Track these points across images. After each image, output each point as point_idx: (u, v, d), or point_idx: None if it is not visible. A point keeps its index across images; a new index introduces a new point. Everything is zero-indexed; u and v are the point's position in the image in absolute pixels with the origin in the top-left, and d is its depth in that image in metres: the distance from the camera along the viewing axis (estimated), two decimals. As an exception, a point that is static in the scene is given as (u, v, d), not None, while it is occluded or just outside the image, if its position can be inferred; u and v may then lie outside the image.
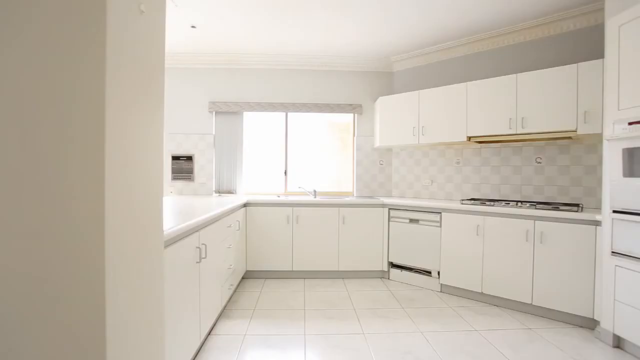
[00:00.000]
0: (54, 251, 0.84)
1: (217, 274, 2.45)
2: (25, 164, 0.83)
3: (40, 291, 0.84)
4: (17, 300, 0.84)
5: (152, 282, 1.10)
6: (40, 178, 0.84)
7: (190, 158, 4.21)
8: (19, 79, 0.83)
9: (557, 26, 3.16)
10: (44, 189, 0.84)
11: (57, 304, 0.85)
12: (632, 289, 2.14)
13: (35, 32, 0.83)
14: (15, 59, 0.83)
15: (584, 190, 3.06)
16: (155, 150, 1.11)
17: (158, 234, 1.14)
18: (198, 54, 4.11)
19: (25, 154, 0.83)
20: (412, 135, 3.72)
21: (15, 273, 0.84)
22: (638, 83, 2.13)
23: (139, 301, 1.02)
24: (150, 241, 1.09)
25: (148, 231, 1.07)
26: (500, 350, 2.21)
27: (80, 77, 0.83)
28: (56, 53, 0.83)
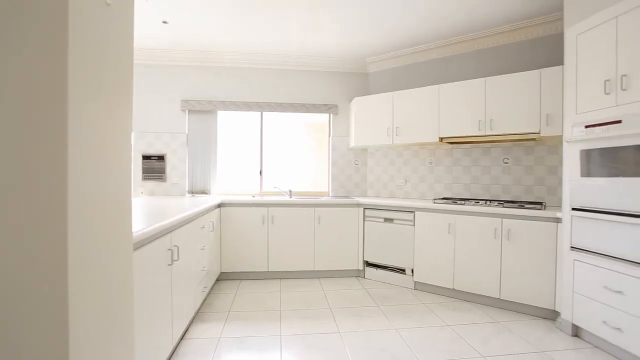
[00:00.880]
0: (9, 257, 0.79)
1: (191, 276, 2.39)
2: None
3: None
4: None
5: (121, 287, 1.06)
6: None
7: (162, 157, 4.08)
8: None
9: (523, 33, 3.32)
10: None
11: (14, 311, 0.80)
12: (588, 281, 2.29)
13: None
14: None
15: (547, 189, 3.23)
16: (124, 149, 1.07)
17: (126, 236, 1.10)
18: (170, 50, 3.99)
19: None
20: (387, 136, 3.79)
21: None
22: (593, 89, 2.27)
23: (106, 307, 0.98)
24: (118, 244, 1.05)
25: (116, 234, 1.03)
26: (470, 344, 2.29)
27: (41, 72, 0.79)
28: (13, 47, 0.78)
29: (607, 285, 2.16)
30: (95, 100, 0.91)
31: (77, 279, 0.84)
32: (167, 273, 1.87)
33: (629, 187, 2.02)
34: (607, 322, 2.15)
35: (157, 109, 4.08)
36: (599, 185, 2.21)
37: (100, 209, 0.94)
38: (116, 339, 1.04)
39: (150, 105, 4.07)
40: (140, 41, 3.74)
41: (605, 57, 2.19)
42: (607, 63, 2.17)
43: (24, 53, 0.79)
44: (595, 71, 2.26)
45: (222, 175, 4.27)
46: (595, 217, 2.23)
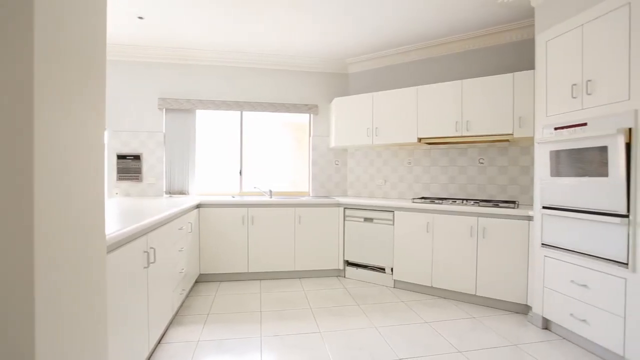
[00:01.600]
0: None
1: (168, 278, 2.34)
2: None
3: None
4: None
5: (93, 291, 1.02)
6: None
7: (138, 157, 3.96)
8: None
9: (498, 38, 3.43)
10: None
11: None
12: (557, 276, 2.39)
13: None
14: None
15: (520, 189, 3.35)
16: (96, 148, 1.03)
17: (99, 238, 1.06)
18: (147, 47, 3.88)
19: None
20: (367, 136, 3.83)
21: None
22: (562, 92, 2.38)
23: (77, 312, 0.94)
24: (91, 247, 1.01)
25: (88, 236, 0.99)
26: (447, 340, 2.35)
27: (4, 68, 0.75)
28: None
29: (573, 279, 2.27)
30: (65, 97, 0.88)
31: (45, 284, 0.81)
32: (143, 276, 1.82)
33: (593, 187, 2.12)
34: (574, 315, 2.26)
35: (133, 107, 3.96)
36: (567, 184, 2.31)
37: (70, 210, 0.90)
38: (89, 345, 1.00)
39: (126, 103, 3.95)
40: (115, 37, 3.62)
41: (572, 63, 2.30)
42: (574, 68, 2.28)
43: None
44: (563, 76, 2.37)
45: (201, 175, 4.19)
46: (563, 215, 2.34)
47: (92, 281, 1.02)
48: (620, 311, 1.98)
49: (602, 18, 2.10)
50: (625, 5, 1.97)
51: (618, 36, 2.00)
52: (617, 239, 1.99)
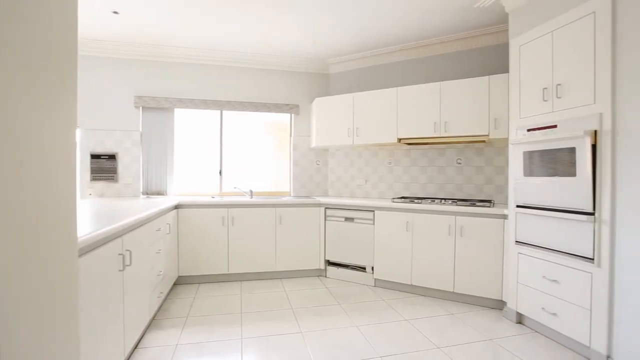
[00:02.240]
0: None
1: (145, 281, 2.28)
2: None
3: None
4: None
5: (64, 296, 0.98)
6: None
7: (114, 157, 3.84)
8: None
9: (476, 41, 3.53)
10: None
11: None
12: (530, 272, 2.49)
13: None
14: None
15: (496, 188, 3.46)
16: (67, 147, 0.99)
17: (70, 241, 1.02)
18: (123, 43, 3.76)
19: None
20: (347, 136, 3.85)
21: None
22: (534, 95, 2.47)
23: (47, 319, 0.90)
24: (61, 250, 0.97)
25: (58, 239, 0.95)
26: (426, 336, 2.40)
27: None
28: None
29: (545, 275, 2.37)
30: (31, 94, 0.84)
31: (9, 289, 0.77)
32: (118, 279, 1.76)
33: (563, 186, 2.22)
34: (545, 308, 2.36)
35: (108, 105, 3.83)
36: (539, 184, 2.40)
37: (38, 211, 0.87)
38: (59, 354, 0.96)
39: (100, 100, 3.81)
40: (89, 31, 3.49)
41: (543, 67, 2.39)
42: (545, 72, 2.38)
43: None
44: (535, 79, 2.46)
45: (180, 175, 4.10)
46: (535, 213, 2.43)
47: (64, 285, 0.99)
48: (586, 304, 2.08)
49: (570, 25, 2.19)
50: (590, 14, 2.07)
51: (584, 43, 2.10)
52: (584, 235, 2.09)
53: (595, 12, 2.03)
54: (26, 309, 0.83)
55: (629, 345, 1.76)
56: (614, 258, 1.95)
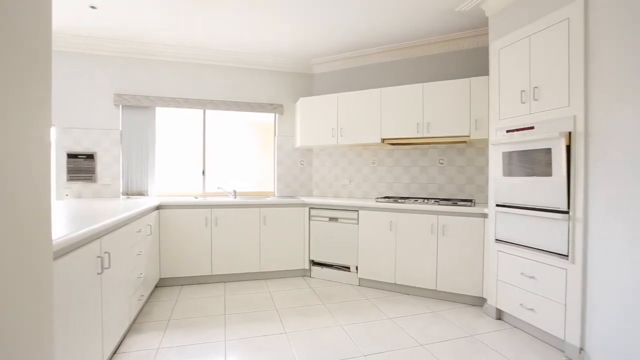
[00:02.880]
0: None
1: (125, 284, 2.22)
2: None
3: None
4: None
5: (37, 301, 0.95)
6: None
7: (92, 156, 3.72)
8: None
9: (458, 44, 3.60)
10: None
11: None
12: (509, 269, 2.56)
13: None
14: None
15: (477, 188, 3.54)
16: (41, 146, 0.96)
17: (45, 244, 0.99)
18: (101, 39, 3.65)
19: None
20: (332, 137, 3.86)
21: None
22: (512, 98, 2.54)
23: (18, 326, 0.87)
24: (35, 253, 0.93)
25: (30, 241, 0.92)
26: (410, 334, 2.43)
27: None
28: None
29: (523, 272, 2.44)
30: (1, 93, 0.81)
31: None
32: (96, 283, 1.71)
33: (540, 185, 2.29)
34: (523, 304, 2.43)
35: (85, 103, 3.72)
36: (518, 183, 2.48)
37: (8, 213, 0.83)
38: (32, 359, 0.93)
39: (78, 98, 3.69)
40: (65, 26, 3.37)
41: (521, 70, 2.46)
42: (523, 75, 2.45)
43: None
44: (514, 82, 2.53)
45: (161, 175, 4.02)
46: (514, 212, 2.50)
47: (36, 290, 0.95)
48: (561, 299, 2.16)
49: (546, 30, 2.27)
50: (564, 20, 2.14)
51: (559, 48, 2.18)
52: (560, 233, 2.17)
53: (569, 19, 2.11)
54: (1, 316, 0.79)
55: (600, 337, 1.83)
56: (587, 255, 2.02)
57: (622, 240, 1.60)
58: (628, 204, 1.58)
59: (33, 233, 0.93)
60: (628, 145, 1.54)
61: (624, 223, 1.59)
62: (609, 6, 1.75)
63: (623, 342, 1.56)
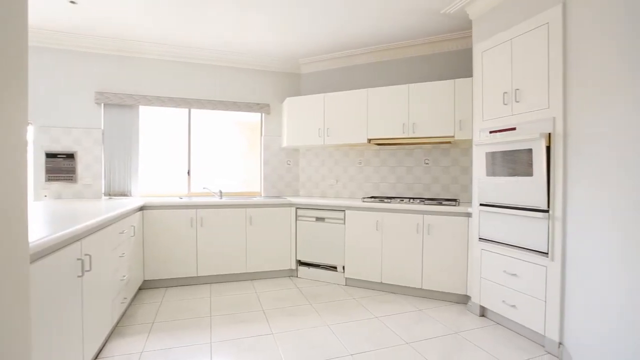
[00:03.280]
0: None
1: (107, 287, 2.17)
2: None
3: None
4: None
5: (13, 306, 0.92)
6: None
7: (72, 155, 3.62)
8: None
9: (443, 45, 3.65)
10: None
11: None
12: (492, 267, 2.61)
13: None
14: None
15: (461, 187, 3.60)
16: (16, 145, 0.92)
17: (20, 246, 0.95)
18: (82, 35, 3.56)
19: None
20: (318, 136, 3.87)
21: None
22: (495, 99, 2.60)
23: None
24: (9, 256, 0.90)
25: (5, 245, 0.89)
26: (396, 333, 2.46)
27: None
28: None
29: (505, 269, 2.49)
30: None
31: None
32: (76, 286, 1.67)
33: (521, 185, 2.35)
34: (506, 301, 2.49)
35: (65, 101, 3.61)
36: (500, 183, 2.53)
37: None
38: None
39: (57, 96, 3.59)
40: (44, 21, 3.27)
41: (503, 73, 2.52)
42: (505, 78, 2.51)
43: None
44: (497, 84, 2.59)
45: (145, 175, 3.94)
46: (497, 211, 2.56)
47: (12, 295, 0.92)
48: (542, 296, 2.22)
49: (527, 34, 2.33)
50: (544, 25, 2.20)
51: (539, 51, 2.24)
52: (540, 231, 2.23)
53: (549, 23, 2.17)
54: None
55: (577, 331, 1.89)
56: (566, 252, 2.09)
57: (597, 238, 1.65)
58: (601, 203, 1.64)
59: (8, 235, 0.90)
60: (603, 146, 1.60)
61: (598, 221, 1.64)
62: (586, 13, 1.81)
63: (599, 336, 1.61)
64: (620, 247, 1.43)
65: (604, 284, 1.58)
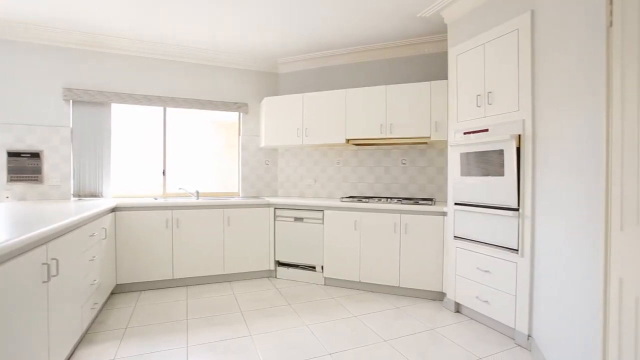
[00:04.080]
0: None
1: (76, 292, 2.08)
2: None
3: None
4: None
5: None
6: None
7: (37, 155, 3.44)
8: None
9: (420, 48, 3.73)
10: None
11: None
12: (466, 264, 2.69)
13: None
14: None
15: (436, 187, 3.69)
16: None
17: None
18: (49, 27, 3.38)
19: None
20: (297, 136, 3.86)
21: None
22: (469, 101, 2.68)
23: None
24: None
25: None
26: (374, 331, 2.48)
27: None
28: None
29: (479, 266, 2.58)
30: None
31: None
32: (41, 292, 1.58)
33: (494, 185, 2.43)
34: (479, 297, 2.57)
35: (29, 97, 3.43)
36: (474, 183, 2.61)
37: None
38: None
39: (20, 91, 3.40)
40: (7, 11, 3.09)
41: (477, 76, 2.60)
42: (478, 81, 2.59)
43: None
44: (470, 86, 2.67)
45: (118, 176, 3.80)
46: (471, 210, 2.64)
47: (-31, 303, 0.86)
48: (512, 291, 2.31)
49: (498, 39, 2.41)
50: (514, 31, 2.29)
51: (510, 56, 2.33)
52: (511, 229, 2.32)
53: (519, 30, 2.26)
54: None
55: (545, 324, 1.98)
56: (534, 248, 2.18)
57: (561, 234, 1.74)
58: (562, 202, 1.72)
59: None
60: (567, 147, 1.68)
61: (562, 219, 1.72)
62: (551, 21, 1.89)
63: (562, 327, 1.69)
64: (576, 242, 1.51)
65: (565, 277, 1.66)
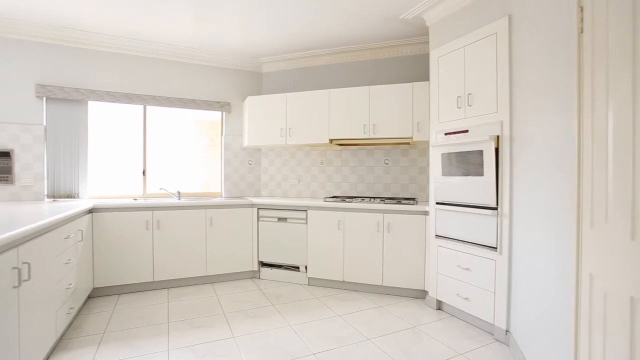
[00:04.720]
0: None
1: (49, 297, 2.00)
2: None
3: None
4: None
5: None
6: None
7: (7, 154, 3.30)
8: None
9: (402, 49, 3.77)
10: None
11: None
12: (448, 262, 2.75)
13: None
14: None
15: (419, 187, 3.75)
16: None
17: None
18: (20, 21, 3.24)
19: None
20: (280, 136, 3.84)
21: None
22: (450, 103, 2.73)
23: None
24: None
25: None
26: (357, 330, 2.50)
27: None
28: None
29: (459, 264, 2.63)
30: None
31: None
32: (12, 297, 1.52)
33: (473, 185, 2.49)
34: (459, 294, 2.63)
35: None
36: (455, 183, 2.67)
37: None
38: None
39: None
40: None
41: (457, 78, 2.66)
42: (458, 82, 2.65)
43: None
44: (451, 88, 2.72)
45: (95, 176, 3.69)
46: (452, 209, 2.69)
47: None
48: (491, 288, 2.37)
49: (478, 43, 2.47)
50: (493, 34, 2.36)
51: (489, 59, 2.39)
52: (490, 228, 2.38)
53: (497, 34, 2.32)
54: None
55: (522, 319, 2.04)
56: (512, 246, 2.25)
57: (537, 232, 1.80)
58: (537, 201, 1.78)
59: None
60: (542, 148, 1.74)
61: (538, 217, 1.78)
62: (526, 26, 1.95)
63: (538, 323, 1.75)
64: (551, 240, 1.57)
65: (541, 275, 1.72)
